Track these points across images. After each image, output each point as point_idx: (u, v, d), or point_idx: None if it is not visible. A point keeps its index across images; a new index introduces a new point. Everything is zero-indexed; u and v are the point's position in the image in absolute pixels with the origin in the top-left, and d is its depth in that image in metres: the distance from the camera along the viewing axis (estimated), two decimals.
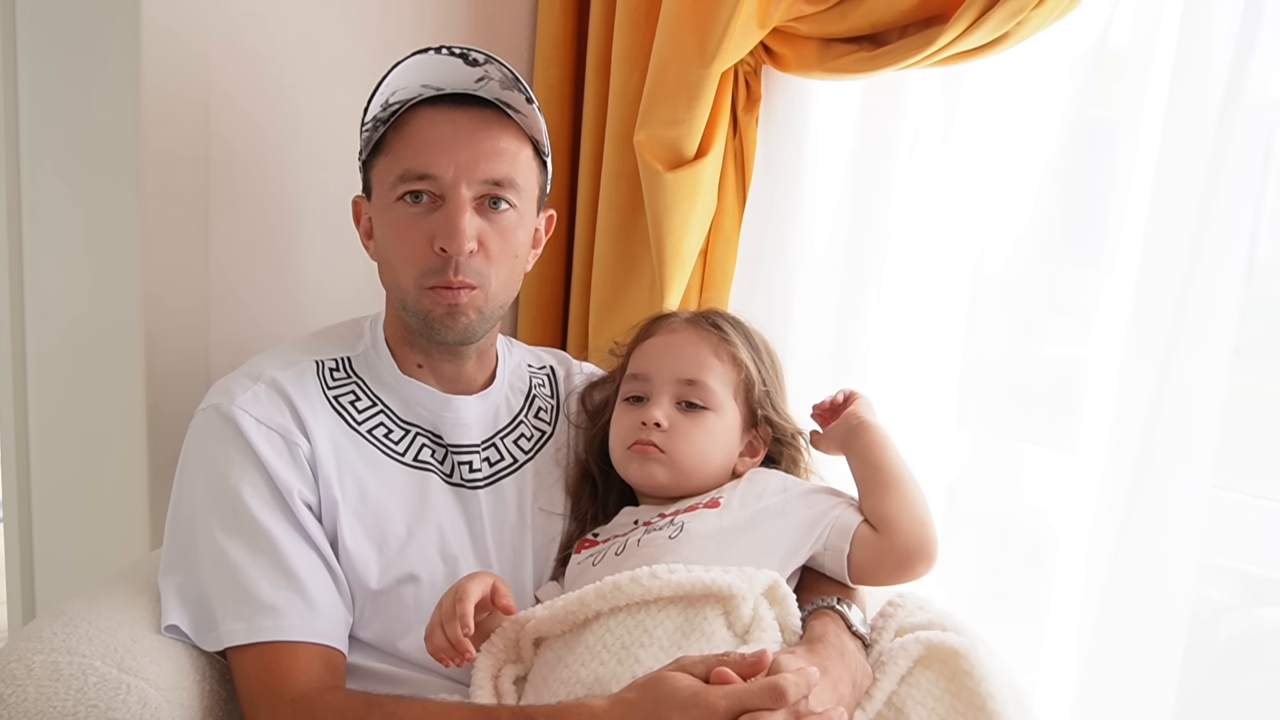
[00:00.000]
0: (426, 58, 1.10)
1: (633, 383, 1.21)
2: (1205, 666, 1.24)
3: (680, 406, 1.17)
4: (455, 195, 1.11)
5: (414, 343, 1.20)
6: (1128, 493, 1.22)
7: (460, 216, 1.11)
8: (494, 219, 1.14)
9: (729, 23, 1.35)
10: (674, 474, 1.16)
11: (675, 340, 1.20)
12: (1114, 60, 1.26)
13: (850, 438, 1.17)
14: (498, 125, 1.15)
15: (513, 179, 1.14)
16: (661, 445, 1.15)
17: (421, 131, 1.13)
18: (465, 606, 0.99)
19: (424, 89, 1.13)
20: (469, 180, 1.11)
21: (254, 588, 1.05)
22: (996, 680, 0.99)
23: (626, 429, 1.18)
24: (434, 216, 1.12)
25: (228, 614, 1.05)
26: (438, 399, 1.20)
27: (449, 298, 1.12)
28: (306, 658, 1.04)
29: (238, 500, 1.08)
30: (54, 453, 1.59)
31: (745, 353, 1.19)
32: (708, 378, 1.17)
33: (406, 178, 1.12)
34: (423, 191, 1.12)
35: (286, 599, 1.05)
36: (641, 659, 0.96)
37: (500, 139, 1.14)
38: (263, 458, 1.09)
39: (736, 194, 1.54)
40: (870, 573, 1.10)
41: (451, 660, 0.99)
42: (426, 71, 1.12)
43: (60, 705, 0.94)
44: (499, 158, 1.13)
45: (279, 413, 1.12)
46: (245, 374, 1.15)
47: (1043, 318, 1.34)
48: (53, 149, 1.50)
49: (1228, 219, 1.15)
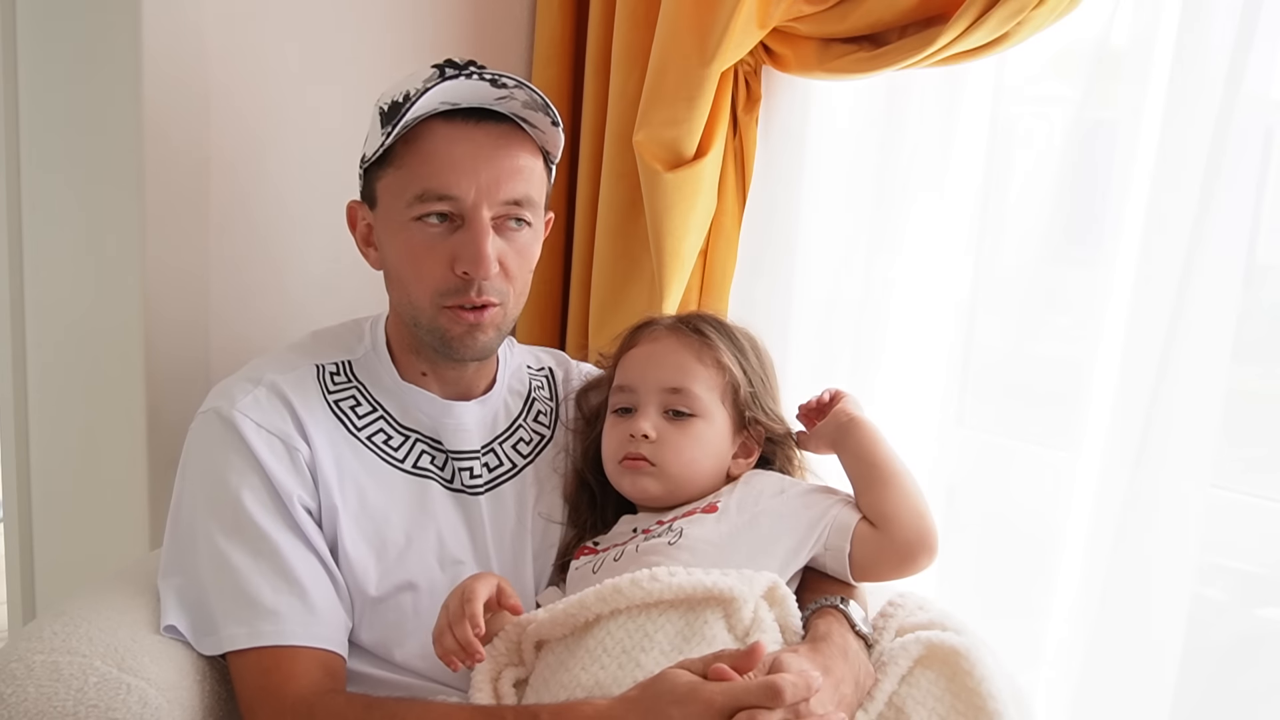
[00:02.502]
0: (457, 83, 1.07)
1: (619, 394, 1.20)
2: (1203, 666, 1.24)
3: (668, 416, 1.16)
4: (477, 218, 1.09)
5: (420, 352, 1.19)
6: (1126, 492, 1.22)
7: (484, 241, 1.09)
8: (512, 238, 1.13)
9: (729, 22, 1.35)
10: (665, 485, 1.15)
11: (658, 349, 1.19)
12: (1114, 60, 1.26)
13: (841, 435, 1.16)
14: (516, 142, 1.12)
15: (531, 197, 1.13)
16: (650, 457, 1.14)
17: (440, 150, 1.09)
18: (475, 607, 0.98)
19: (442, 104, 1.10)
20: (490, 202, 1.09)
21: (255, 592, 1.05)
22: (996, 680, 1.00)
23: (616, 443, 1.18)
24: (454, 239, 1.10)
25: (229, 618, 1.05)
26: (438, 405, 1.20)
27: (470, 318, 1.12)
28: (307, 662, 1.04)
29: (238, 504, 1.07)
30: (54, 453, 1.59)
31: (729, 356, 1.18)
32: (692, 384, 1.16)
33: (426, 198, 1.09)
34: (443, 213, 1.10)
35: (288, 603, 1.05)
36: (642, 663, 0.96)
37: (519, 156, 1.12)
38: (263, 462, 1.09)
39: (736, 194, 1.54)
40: (872, 569, 1.10)
41: (462, 662, 0.98)
42: (453, 93, 1.09)
43: (60, 705, 0.94)
44: (518, 176, 1.11)
45: (279, 417, 1.12)
46: (246, 377, 1.15)
47: (1042, 317, 1.34)
48: (53, 149, 1.50)
49: (1227, 219, 1.15)
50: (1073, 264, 1.33)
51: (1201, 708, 1.24)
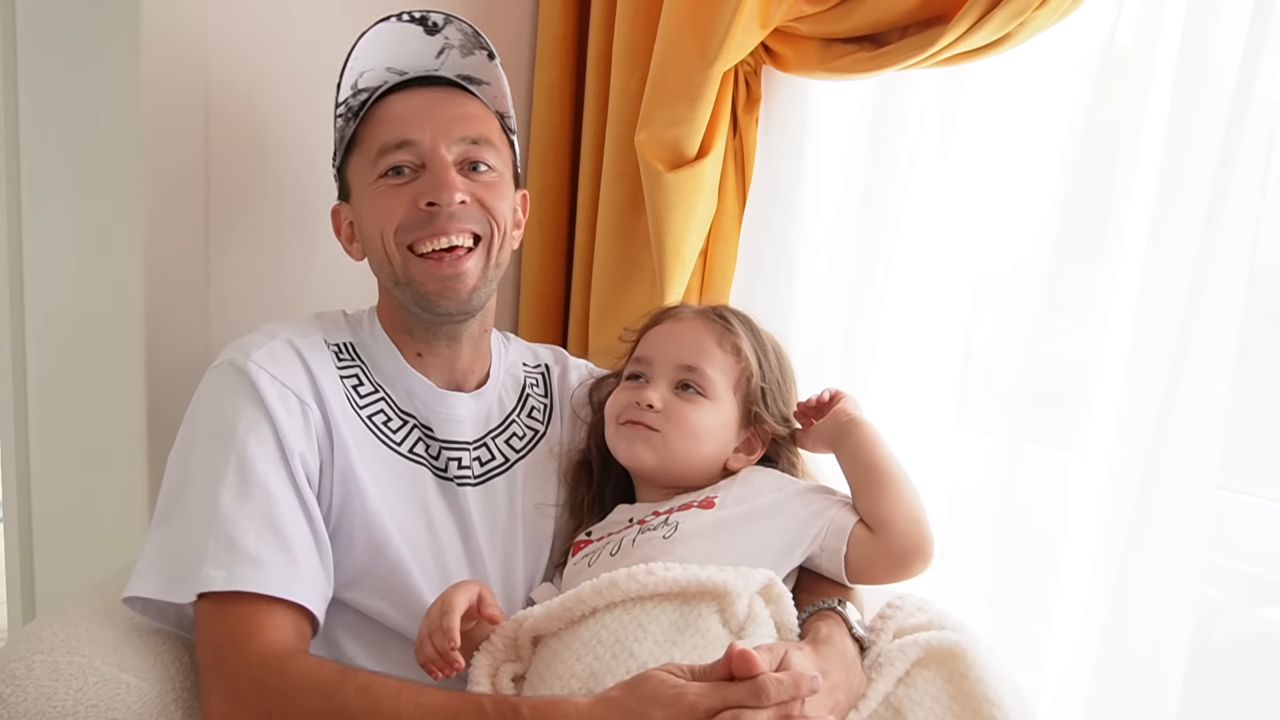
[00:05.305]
0: (389, 26, 1.15)
1: (635, 364, 1.22)
2: (1210, 667, 1.23)
3: (678, 391, 1.17)
4: (437, 155, 1.14)
5: (412, 330, 1.20)
6: (1132, 494, 1.22)
7: (447, 170, 1.14)
8: (477, 179, 1.17)
9: (730, 23, 1.35)
10: (661, 456, 1.16)
11: (681, 328, 1.22)
12: (1118, 60, 1.26)
13: (841, 435, 1.17)
14: (463, 96, 1.21)
15: (488, 137, 1.18)
16: (654, 425, 1.15)
17: (393, 111, 1.17)
18: (450, 620, 0.99)
19: (389, 73, 1.17)
20: (447, 141, 1.15)
21: (240, 537, 1.02)
22: (995, 680, 0.99)
23: (621, 404, 1.19)
24: (419, 181, 1.14)
25: (208, 560, 1.01)
26: (434, 394, 1.20)
27: (443, 268, 1.14)
28: (282, 616, 1.02)
29: (241, 450, 1.06)
30: (54, 453, 1.59)
31: (749, 347, 1.19)
32: (707, 366, 1.17)
33: (386, 150, 1.15)
34: (404, 165, 1.14)
35: (272, 553, 1.03)
36: (636, 653, 0.96)
37: (468, 105, 1.20)
38: (273, 414, 1.08)
39: (737, 194, 1.54)
40: (867, 573, 1.10)
41: (441, 671, 0.99)
42: (390, 49, 1.16)
43: (60, 705, 0.94)
44: (471, 120, 1.18)
45: (295, 373, 1.12)
46: (263, 332, 1.16)
47: (1047, 318, 1.33)
48: (53, 150, 1.50)
49: (1232, 219, 1.14)
50: (1077, 265, 1.32)
51: (1207, 708, 1.23)
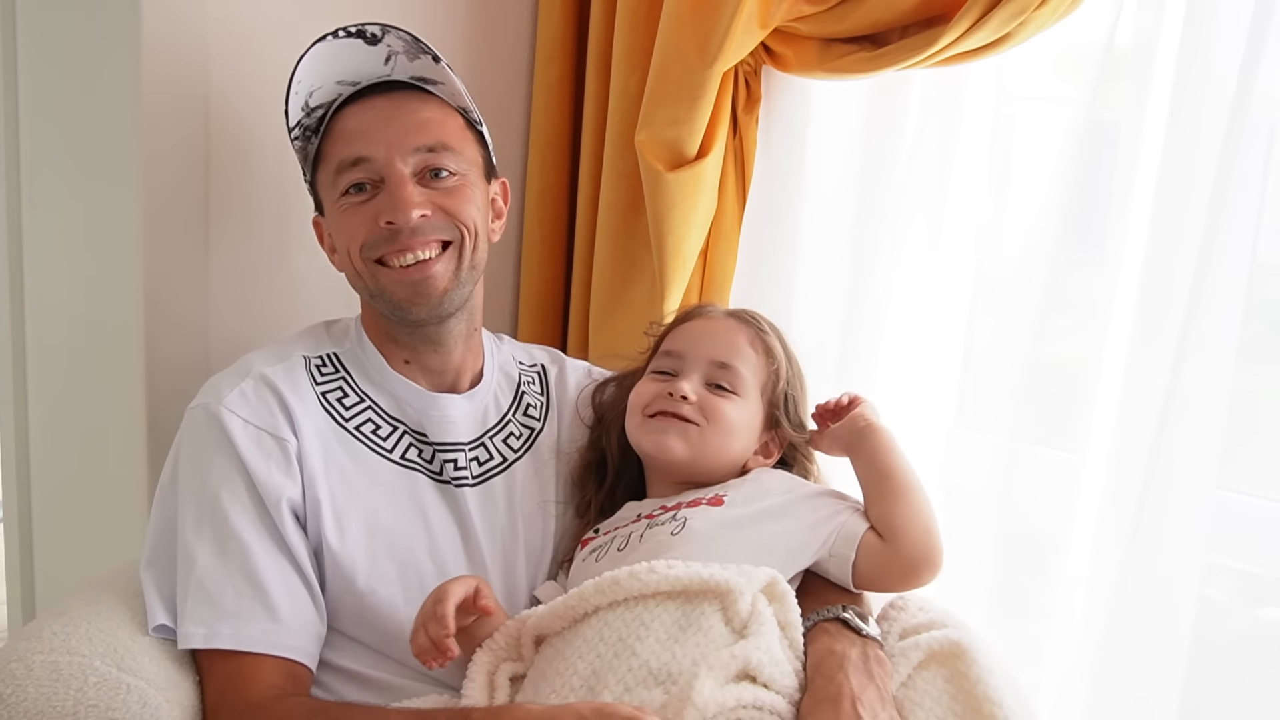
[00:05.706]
0: (325, 45, 1.14)
1: (663, 359, 1.21)
2: (1210, 667, 1.23)
3: (709, 388, 1.17)
4: (393, 170, 1.13)
5: (397, 338, 1.20)
6: (1132, 494, 1.22)
7: (403, 187, 1.12)
8: (438, 186, 1.15)
9: (730, 23, 1.35)
10: (694, 450, 1.15)
11: (714, 325, 1.22)
12: (1118, 60, 1.26)
13: (857, 440, 1.16)
14: (418, 99, 1.17)
15: (445, 142, 1.16)
16: (689, 416, 1.15)
17: (347, 125, 1.16)
18: (445, 608, 0.99)
19: (340, 86, 1.16)
20: (401, 154, 1.13)
21: (218, 593, 1.04)
22: (996, 678, 1.00)
23: (650, 395, 1.18)
24: (379, 198, 1.13)
25: (187, 617, 1.04)
26: (424, 398, 1.20)
27: (412, 275, 1.13)
28: (268, 669, 1.04)
29: (215, 504, 1.07)
30: (54, 453, 1.59)
31: (779, 350, 1.20)
32: (740, 364, 1.18)
33: (342, 168, 1.14)
34: (363, 182, 1.14)
35: (249, 607, 1.04)
36: (638, 651, 0.96)
37: (423, 110, 1.16)
38: (247, 462, 1.08)
39: (737, 194, 1.54)
40: (875, 580, 1.09)
41: (434, 661, 0.99)
42: (337, 64, 1.14)
43: (60, 705, 0.94)
44: (425, 127, 1.15)
45: (267, 411, 1.12)
46: (235, 371, 1.16)
47: (1047, 319, 1.34)
48: (53, 148, 1.50)
49: (1232, 219, 1.14)
50: (1077, 265, 1.32)
51: (1207, 708, 1.23)
